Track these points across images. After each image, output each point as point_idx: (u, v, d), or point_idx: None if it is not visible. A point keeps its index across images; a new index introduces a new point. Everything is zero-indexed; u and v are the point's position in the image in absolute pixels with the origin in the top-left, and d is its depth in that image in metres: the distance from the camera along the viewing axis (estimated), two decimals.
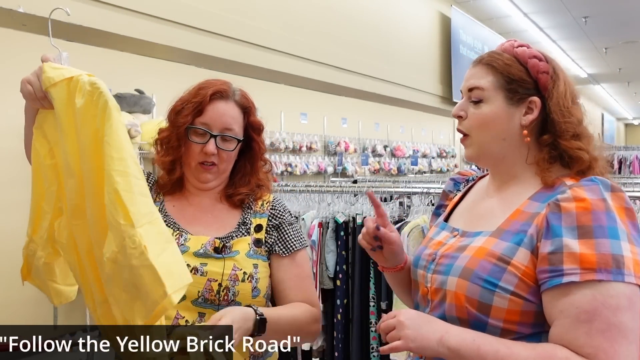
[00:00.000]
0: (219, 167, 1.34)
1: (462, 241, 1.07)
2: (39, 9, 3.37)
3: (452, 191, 1.29)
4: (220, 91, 1.33)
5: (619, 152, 7.76)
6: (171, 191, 1.37)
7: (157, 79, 4.63)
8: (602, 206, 0.92)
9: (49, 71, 1.02)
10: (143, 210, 0.95)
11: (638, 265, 0.90)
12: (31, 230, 1.15)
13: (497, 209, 1.07)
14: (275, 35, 5.26)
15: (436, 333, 0.95)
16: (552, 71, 1.07)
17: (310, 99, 6.70)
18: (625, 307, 0.88)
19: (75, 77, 1.00)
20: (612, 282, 0.88)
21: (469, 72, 1.12)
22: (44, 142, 1.10)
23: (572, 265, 0.90)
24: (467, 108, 1.09)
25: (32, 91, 1.06)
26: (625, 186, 3.56)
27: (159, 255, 0.94)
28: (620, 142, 23.75)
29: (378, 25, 7.05)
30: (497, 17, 9.54)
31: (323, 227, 2.81)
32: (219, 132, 1.31)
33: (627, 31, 10.42)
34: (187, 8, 4.36)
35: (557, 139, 1.04)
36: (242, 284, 1.26)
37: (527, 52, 1.08)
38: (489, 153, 1.08)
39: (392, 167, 7.90)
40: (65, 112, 1.01)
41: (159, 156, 1.36)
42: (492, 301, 0.96)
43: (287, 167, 6.06)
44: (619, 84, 16.06)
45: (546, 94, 1.05)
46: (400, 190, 2.94)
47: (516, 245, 0.97)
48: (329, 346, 2.79)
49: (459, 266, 1.01)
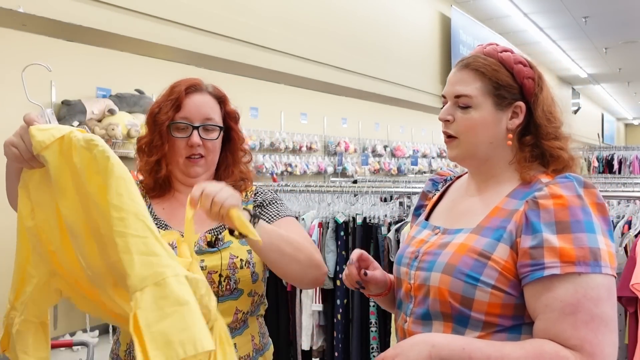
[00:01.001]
0: (207, 159, 1.35)
1: (443, 238, 1.10)
2: (39, 9, 3.38)
3: (431, 191, 1.32)
4: (194, 84, 1.36)
5: (619, 152, 7.76)
6: (159, 193, 1.38)
7: (157, 79, 4.63)
8: (577, 202, 0.96)
9: (38, 134, 0.95)
10: (145, 272, 0.87)
11: (612, 257, 0.95)
12: (13, 297, 1.07)
13: (477, 207, 1.11)
14: (275, 35, 5.26)
15: (423, 352, 0.95)
16: (536, 77, 1.10)
17: (310, 99, 6.70)
18: (605, 297, 0.93)
19: (67, 135, 0.95)
20: (590, 274, 0.92)
21: (454, 76, 1.13)
22: (27, 203, 1.04)
23: (553, 258, 0.94)
24: (454, 112, 1.11)
25: (18, 154, 1.01)
26: (625, 186, 3.56)
27: (158, 321, 0.84)
28: (620, 142, 23.76)
29: (378, 26, 7.05)
30: (497, 17, 9.54)
31: (323, 227, 2.81)
32: (200, 122, 1.33)
33: (627, 31, 10.43)
34: (187, 8, 4.36)
35: (540, 140, 1.08)
36: (241, 270, 1.28)
37: (512, 57, 1.10)
38: (475, 155, 1.11)
39: (392, 167, 7.90)
40: (61, 172, 0.97)
41: (143, 161, 1.36)
42: (474, 295, 0.99)
43: (287, 167, 6.06)
44: (619, 84, 16.07)
45: (531, 99, 1.09)
46: (400, 190, 2.93)
47: (496, 241, 1.01)
48: (329, 346, 2.79)
49: (441, 262, 1.04)
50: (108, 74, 4.32)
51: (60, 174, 0.97)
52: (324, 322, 2.83)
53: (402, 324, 1.12)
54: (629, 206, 2.50)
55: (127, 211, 0.89)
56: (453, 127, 1.11)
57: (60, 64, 3.97)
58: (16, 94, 3.66)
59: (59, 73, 3.95)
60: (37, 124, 0.98)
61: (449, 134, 1.12)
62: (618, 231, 2.29)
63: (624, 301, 2.00)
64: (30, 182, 1.04)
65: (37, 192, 1.04)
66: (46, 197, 1.04)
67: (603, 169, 7.61)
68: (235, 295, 1.28)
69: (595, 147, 8.68)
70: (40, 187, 1.04)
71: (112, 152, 0.94)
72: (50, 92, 3.90)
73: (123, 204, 0.90)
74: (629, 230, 2.27)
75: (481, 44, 1.17)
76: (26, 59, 3.95)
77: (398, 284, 1.18)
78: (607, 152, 7.77)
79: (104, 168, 0.92)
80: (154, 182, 1.35)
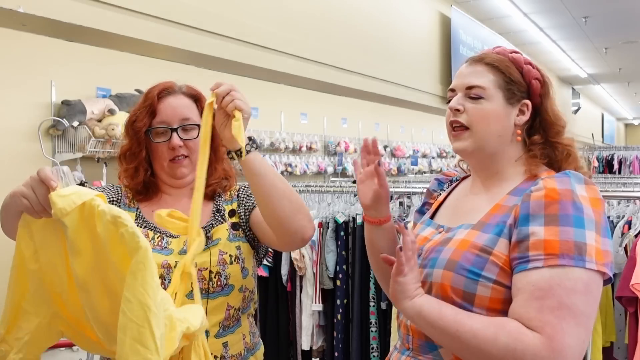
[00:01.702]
0: (191, 158, 1.36)
1: (446, 236, 1.13)
2: (39, 9, 3.37)
3: (436, 190, 1.34)
4: (166, 88, 1.39)
5: (619, 152, 7.76)
6: (146, 197, 1.39)
7: (157, 79, 4.62)
8: (569, 196, 0.97)
9: (59, 202, 0.95)
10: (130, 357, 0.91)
11: (600, 253, 0.95)
12: (4, 330, 1.06)
13: (480, 204, 1.13)
14: (275, 35, 5.26)
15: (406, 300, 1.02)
16: (542, 78, 1.14)
17: (310, 99, 6.70)
18: (580, 291, 0.92)
19: (88, 202, 0.96)
20: (572, 267, 0.93)
21: (465, 69, 1.16)
22: (29, 244, 1.04)
23: (537, 251, 0.95)
24: (464, 103, 1.13)
25: (29, 206, 1.00)
26: (625, 186, 3.56)
27: None
28: (620, 142, 23.75)
29: (378, 25, 7.05)
30: (497, 17, 9.54)
31: (323, 227, 2.81)
32: (178, 124, 1.34)
33: (627, 31, 10.42)
34: (187, 8, 4.36)
35: (550, 138, 1.12)
36: (230, 266, 1.30)
37: (522, 58, 1.15)
38: (484, 148, 1.12)
39: (392, 167, 7.90)
40: (79, 235, 0.97)
41: (123, 168, 1.39)
42: (476, 290, 1.00)
43: (287, 167, 6.06)
44: (619, 84, 16.05)
45: (537, 99, 1.13)
46: (400, 190, 2.94)
47: (497, 236, 1.03)
48: (329, 346, 2.79)
49: (443, 259, 1.06)
50: (108, 74, 4.32)
51: (78, 236, 0.98)
52: (324, 322, 2.84)
53: (404, 320, 1.13)
54: (629, 206, 2.50)
55: (133, 295, 0.92)
56: (464, 117, 1.12)
57: (60, 64, 3.97)
58: (16, 94, 3.66)
59: (59, 73, 3.94)
60: (53, 183, 0.97)
61: (459, 123, 1.13)
62: (618, 231, 2.29)
63: (624, 301, 2.00)
64: (33, 224, 1.04)
65: (42, 235, 1.04)
66: (52, 242, 1.04)
67: (603, 169, 7.61)
68: (227, 291, 1.30)
69: (595, 147, 8.68)
70: (45, 231, 1.04)
71: (141, 235, 0.96)
72: (50, 92, 3.90)
73: (133, 289, 0.93)
74: (629, 230, 2.27)
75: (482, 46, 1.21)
76: (26, 59, 3.95)
77: None
78: (607, 152, 7.77)
79: (130, 249, 0.94)
80: (136, 186, 1.37)
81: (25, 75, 3.73)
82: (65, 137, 3.95)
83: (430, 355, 1.08)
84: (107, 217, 0.95)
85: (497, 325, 0.94)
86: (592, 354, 2.10)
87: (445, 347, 1.02)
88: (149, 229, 1.32)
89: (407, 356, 1.12)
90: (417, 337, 1.10)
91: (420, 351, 1.09)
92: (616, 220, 2.39)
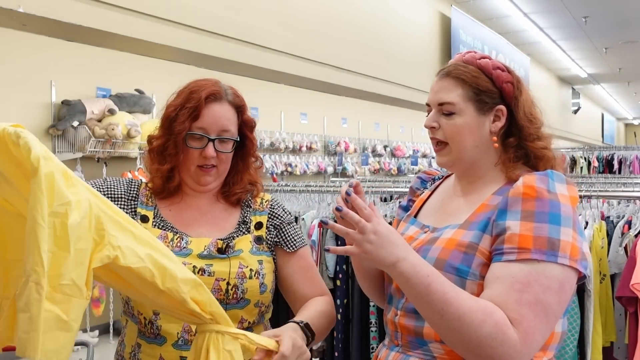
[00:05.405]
0: (219, 169, 1.33)
1: (432, 236, 1.13)
2: (39, 9, 3.38)
3: (419, 188, 1.35)
4: (214, 93, 1.31)
5: (619, 152, 7.75)
6: (167, 195, 1.35)
7: (157, 79, 4.63)
8: (546, 194, 1.00)
9: None
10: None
11: (575, 249, 0.97)
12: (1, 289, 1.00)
13: (464, 206, 1.14)
14: (275, 35, 5.26)
15: (391, 257, 0.96)
16: (515, 81, 1.14)
17: (310, 99, 6.70)
18: (555, 290, 0.96)
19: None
20: (547, 263, 0.95)
21: (436, 85, 1.17)
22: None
23: (511, 245, 0.98)
24: (438, 119, 1.15)
25: None
26: (625, 186, 3.56)
27: None
28: (620, 142, 23.76)
29: (378, 26, 7.05)
30: (497, 17, 9.54)
31: (323, 227, 2.81)
32: (216, 135, 1.30)
33: (627, 31, 10.43)
34: (187, 8, 4.36)
35: (523, 141, 1.12)
36: (249, 281, 1.26)
37: (491, 63, 1.14)
38: (463, 159, 1.14)
39: (392, 167, 7.90)
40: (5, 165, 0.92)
41: (155, 164, 1.33)
42: (465, 288, 1.01)
43: (287, 167, 6.06)
44: (619, 84, 16.06)
45: (511, 102, 1.13)
46: (400, 190, 2.94)
47: (481, 232, 1.05)
48: (329, 346, 2.79)
49: (431, 257, 1.06)
50: (108, 74, 4.32)
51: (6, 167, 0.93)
52: None
53: (392, 317, 1.14)
54: (629, 206, 2.50)
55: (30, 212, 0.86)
56: (440, 133, 1.15)
57: (60, 64, 3.97)
58: (16, 94, 3.66)
59: (59, 73, 3.95)
60: None
61: (438, 140, 1.15)
62: (618, 231, 2.29)
63: (624, 301, 2.00)
64: None
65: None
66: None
67: (603, 169, 7.61)
68: (242, 304, 1.26)
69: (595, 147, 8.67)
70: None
71: (38, 147, 0.88)
72: (50, 92, 3.90)
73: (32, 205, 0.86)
74: (629, 230, 2.26)
75: (482, 46, 1.20)
76: (26, 59, 3.96)
77: (388, 279, 1.20)
78: (607, 152, 7.77)
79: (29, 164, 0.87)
80: (163, 186, 1.34)
81: (25, 75, 3.74)
82: (65, 137, 3.95)
83: (419, 350, 1.07)
84: (12, 138, 0.88)
85: (484, 313, 0.94)
86: (592, 354, 2.10)
87: (427, 320, 1.01)
88: (168, 230, 1.29)
89: (397, 352, 1.12)
90: (406, 334, 1.10)
91: (410, 347, 1.09)
92: (616, 220, 2.38)
